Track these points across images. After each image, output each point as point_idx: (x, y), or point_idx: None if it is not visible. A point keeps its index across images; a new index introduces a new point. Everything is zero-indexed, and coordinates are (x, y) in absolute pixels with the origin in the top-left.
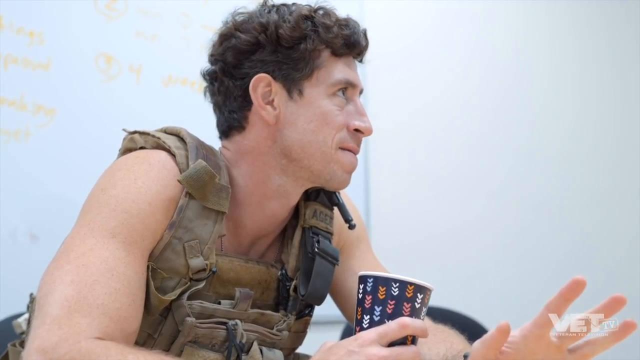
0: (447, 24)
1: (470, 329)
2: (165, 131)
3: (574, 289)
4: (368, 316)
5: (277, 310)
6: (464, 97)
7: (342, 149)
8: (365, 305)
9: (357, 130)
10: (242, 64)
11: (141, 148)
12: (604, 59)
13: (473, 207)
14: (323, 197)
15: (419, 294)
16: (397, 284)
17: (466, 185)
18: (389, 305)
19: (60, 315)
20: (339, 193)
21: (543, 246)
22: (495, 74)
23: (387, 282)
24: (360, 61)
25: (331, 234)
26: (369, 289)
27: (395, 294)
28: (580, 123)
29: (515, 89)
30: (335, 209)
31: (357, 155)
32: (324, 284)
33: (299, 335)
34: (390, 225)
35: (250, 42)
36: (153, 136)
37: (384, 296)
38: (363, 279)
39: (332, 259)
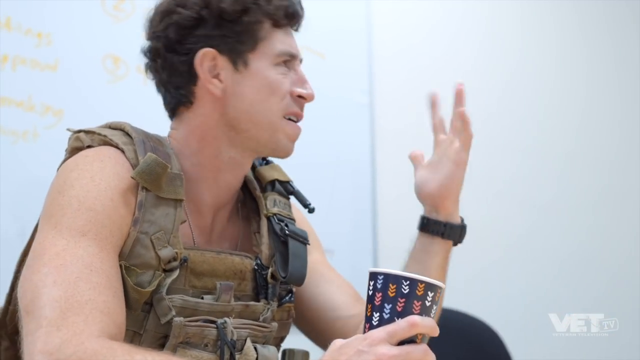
0: (453, 25)
1: (475, 329)
2: (110, 127)
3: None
4: (378, 314)
5: (257, 300)
6: (469, 97)
7: (286, 117)
8: (375, 302)
9: (300, 97)
10: (186, 39)
11: (88, 147)
12: (609, 60)
13: (478, 207)
14: (279, 187)
15: (429, 292)
16: (408, 282)
17: (471, 186)
18: (399, 303)
19: (55, 317)
20: (292, 181)
21: (548, 247)
22: (500, 75)
23: (397, 279)
24: (296, 30)
25: (293, 220)
26: (379, 286)
27: (405, 291)
28: (585, 124)
29: (520, 90)
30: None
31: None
32: (302, 263)
33: (285, 324)
34: (397, 226)
35: (192, 17)
36: (99, 134)
37: (394, 294)
38: (373, 276)
39: (303, 239)
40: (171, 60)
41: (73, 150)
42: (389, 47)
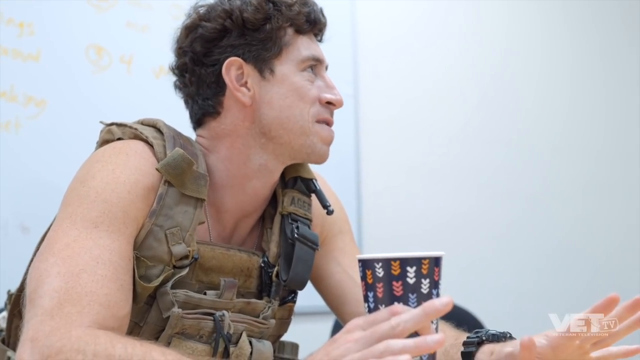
0: (439, 16)
1: (464, 321)
2: (142, 123)
3: (607, 306)
4: (366, 304)
5: (260, 298)
6: (456, 89)
7: (318, 122)
8: (363, 292)
9: (329, 102)
10: (212, 51)
11: (118, 139)
12: (596, 51)
13: (465, 199)
14: (300, 184)
15: (408, 268)
16: (380, 264)
17: (458, 178)
18: (378, 289)
19: (52, 307)
20: (316, 180)
21: (536, 238)
22: (487, 66)
23: (369, 264)
24: (320, 40)
25: (310, 220)
26: (360, 275)
27: (380, 275)
28: (572, 115)
29: (507, 81)
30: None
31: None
32: (305, 268)
33: (284, 322)
34: (382, 218)
35: (217, 29)
36: (130, 127)
37: (372, 280)
38: (358, 264)
39: (312, 244)
40: (199, 73)
41: (103, 143)
42: (373, 37)
